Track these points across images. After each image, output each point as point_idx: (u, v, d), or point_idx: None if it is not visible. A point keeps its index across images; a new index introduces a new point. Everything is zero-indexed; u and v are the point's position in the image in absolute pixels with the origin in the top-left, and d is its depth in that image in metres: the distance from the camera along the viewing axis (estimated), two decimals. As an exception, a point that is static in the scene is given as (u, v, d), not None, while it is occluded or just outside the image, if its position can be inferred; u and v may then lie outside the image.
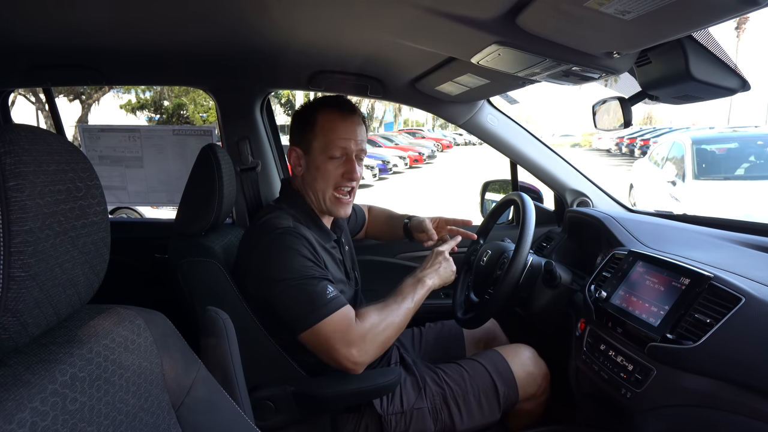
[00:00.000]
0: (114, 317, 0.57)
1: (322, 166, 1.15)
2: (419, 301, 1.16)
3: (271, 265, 1.05)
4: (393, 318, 1.10)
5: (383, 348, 1.09)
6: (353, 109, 1.18)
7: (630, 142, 19.31)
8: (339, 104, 1.17)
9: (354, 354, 1.03)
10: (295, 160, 1.20)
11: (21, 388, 0.43)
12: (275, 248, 1.05)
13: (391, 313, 1.10)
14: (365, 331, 1.05)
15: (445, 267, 1.24)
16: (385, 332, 1.08)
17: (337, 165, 1.15)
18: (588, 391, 1.13)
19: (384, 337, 1.08)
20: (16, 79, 1.68)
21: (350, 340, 1.03)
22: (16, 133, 0.43)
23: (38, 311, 0.45)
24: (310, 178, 1.18)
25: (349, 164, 1.16)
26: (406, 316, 1.12)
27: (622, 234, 1.28)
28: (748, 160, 5.11)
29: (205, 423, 0.63)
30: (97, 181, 0.52)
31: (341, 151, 1.15)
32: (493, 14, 0.78)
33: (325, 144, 1.14)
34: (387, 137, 21.93)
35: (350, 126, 1.15)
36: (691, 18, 0.66)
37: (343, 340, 1.03)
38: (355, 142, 1.16)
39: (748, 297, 0.81)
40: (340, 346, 1.02)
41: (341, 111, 1.16)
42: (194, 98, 16.89)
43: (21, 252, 0.41)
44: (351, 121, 1.16)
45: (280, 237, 1.06)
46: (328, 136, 1.14)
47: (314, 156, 1.16)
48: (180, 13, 1.04)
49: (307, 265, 1.05)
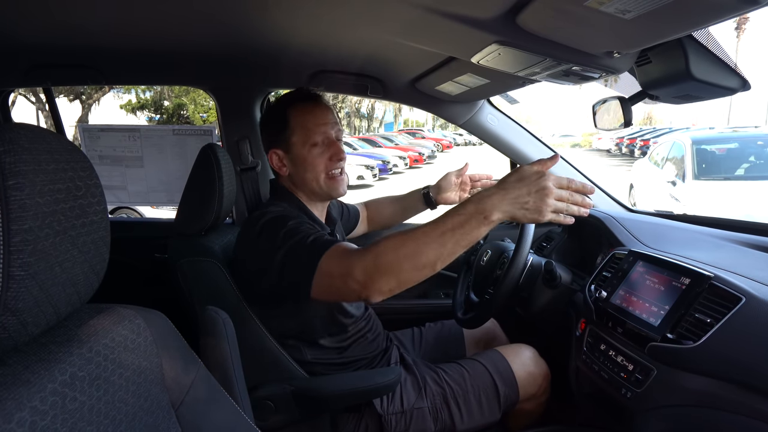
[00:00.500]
0: (114, 316, 0.57)
1: (308, 156, 1.17)
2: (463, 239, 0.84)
3: (271, 237, 1.00)
4: (419, 245, 0.84)
5: (399, 282, 0.86)
6: (317, 96, 1.21)
7: (630, 143, 19.31)
8: (303, 96, 1.19)
9: (359, 282, 0.86)
10: (278, 162, 1.20)
11: (20, 387, 0.43)
12: (273, 225, 1.03)
13: (418, 238, 0.85)
14: (372, 256, 0.86)
15: (539, 198, 0.84)
16: (403, 262, 0.84)
17: (322, 151, 1.17)
18: (588, 390, 1.13)
19: (402, 267, 0.84)
20: (17, 79, 1.68)
21: (352, 266, 0.87)
22: (16, 131, 0.43)
23: (38, 310, 0.45)
24: (299, 173, 1.19)
25: (333, 146, 1.19)
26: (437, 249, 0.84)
27: (623, 234, 1.28)
28: (748, 161, 5.10)
29: (204, 422, 0.63)
30: (97, 180, 0.52)
31: (322, 137, 1.17)
32: (493, 14, 0.78)
33: (304, 136, 1.16)
34: (387, 137, 21.96)
35: (321, 112, 1.18)
36: (692, 17, 0.66)
37: (346, 267, 0.88)
38: (330, 125, 1.18)
39: (748, 297, 0.81)
40: (344, 275, 0.88)
41: (308, 101, 1.18)
42: (194, 98, 16.91)
43: (21, 251, 0.41)
44: (320, 107, 1.19)
45: (277, 216, 1.05)
46: (305, 126, 1.16)
47: (297, 151, 1.17)
48: (181, 12, 1.04)
49: (304, 227, 1.00)
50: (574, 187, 0.87)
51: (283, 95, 1.23)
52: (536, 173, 0.85)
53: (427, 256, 0.84)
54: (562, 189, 0.85)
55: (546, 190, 0.83)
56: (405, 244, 0.85)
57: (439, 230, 0.84)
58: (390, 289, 0.86)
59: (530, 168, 0.87)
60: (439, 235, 0.84)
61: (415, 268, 0.85)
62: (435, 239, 0.84)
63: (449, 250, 0.84)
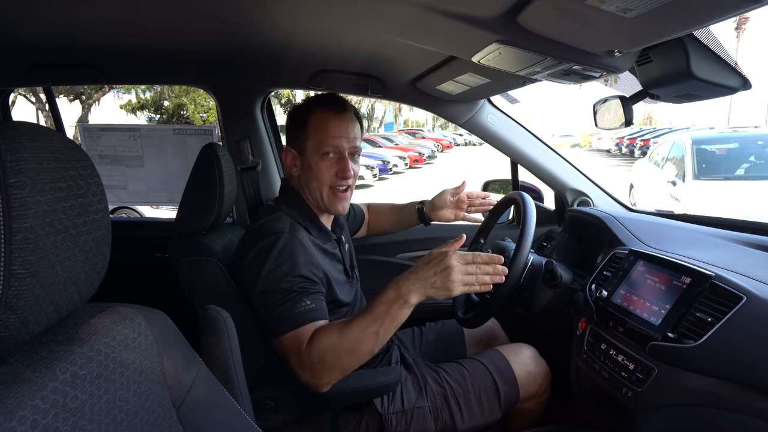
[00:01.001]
0: (115, 315, 0.57)
1: (315, 165, 1.14)
2: (391, 325, 0.96)
3: (259, 271, 1.04)
4: (353, 342, 0.95)
5: (343, 372, 0.98)
6: (345, 106, 1.17)
7: (630, 143, 19.31)
8: (331, 102, 1.16)
9: (307, 377, 0.98)
10: (291, 161, 1.19)
11: (22, 385, 0.43)
12: (264, 254, 1.04)
13: (352, 336, 0.95)
14: (316, 357, 0.96)
15: (444, 277, 0.94)
16: (342, 358, 0.96)
17: (330, 164, 1.15)
18: (589, 390, 1.13)
19: (342, 363, 0.97)
20: (17, 78, 1.68)
21: (302, 363, 0.97)
22: (17, 130, 0.43)
23: (39, 309, 0.45)
24: (306, 178, 1.18)
25: (341, 162, 1.15)
26: (371, 341, 0.95)
27: (623, 233, 1.28)
28: (748, 161, 5.10)
29: (205, 422, 0.63)
30: (98, 179, 0.52)
31: (333, 149, 1.14)
32: (493, 13, 0.78)
33: (317, 143, 1.14)
34: (387, 137, 21.95)
35: (342, 123, 1.14)
36: (693, 16, 0.66)
37: (296, 361, 0.98)
38: (347, 140, 1.15)
39: (749, 296, 0.81)
40: (295, 366, 0.99)
41: (333, 109, 1.15)
42: (194, 98, 16.91)
43: (22, 249, 0.41)
44: (343, 118, 1.15)
45: (273, 243, 1.05)
46: (320, 134, 1.13)
47: (308, 156, 1.15)
48: (181, 12, 1.04)
49: (287, 278, 1.02)
50: (479, 260, 0.95)
51: (313, 97, 1.20)
52: (441, 254, 0.95)
53: (363, 348, 0.96)
54: (468, 264, 0.94)
55: (449, 268, 0.93)
56: (342, 342, 0.95)
57: (369, 322, 0.95)
58: (336, 379, 0.99)
59: (437, 250, 0.97)
60: (370, 327, 0.95)
61: (355, 361, 0.98)
62: (368, 333, 0.95)
63: (381, 337, 0.96)
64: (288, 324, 0.99)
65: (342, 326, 0.97)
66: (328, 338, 0.96)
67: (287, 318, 1.00)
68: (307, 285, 1.04)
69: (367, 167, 12.90)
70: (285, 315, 1.00)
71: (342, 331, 0.96)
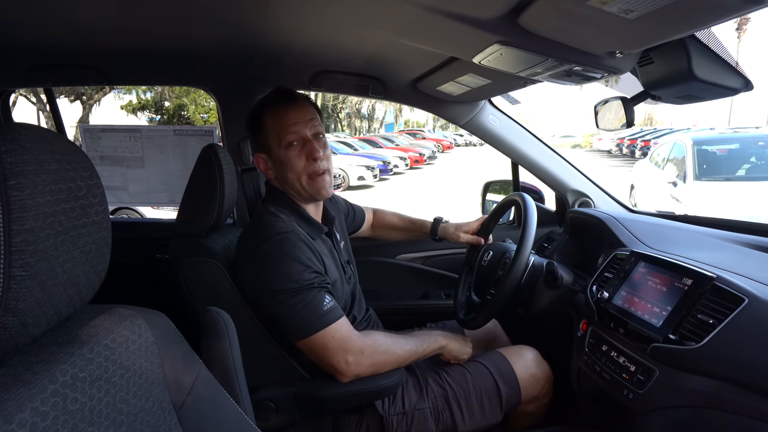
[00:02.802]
0: (115, 317, 0.57)
1: (285, 157, 1.15)
2: (425, 352, 1.20)
3: (270, 274, 1.05)
4: (396, 348, 1.14)
5: (376, 369, 1.11)
6: (292, 94, 1.18)
7: (631, 143, 19.29)
8: (277, 97, 1.17)
9: (349, 360, 1.07)
10: (264, 165, 1.20)
11: (21, 388, 0.43)
12: (273, 256, 1.05)
13: (397, 343, 1.15)
14: (365, 345, 1.09)
15: (463, 347, 1.29)
16: (383, 355, 1.12)
17: (298, 151, 1.15)
18: (590, 391, 1.13)
19: (381, 359, 1.12)
20: (18, 79, 1.68)
21: (347, 348, 1.07)
22: (17, 131, 0.43)
23: (39, 311, 0.44)
24: (282, 175, 1.18)
25: (308, 145, 1.15)
26: (409, 353, 1.16)
27: (624, 234, 1.28)
28: (749, 161, 5.10)
29: (206, 423, 0.62)
30: (98, 181, 0.52)
31: (295, 136, 1.14)
32: (495, 14, 0.78)
33: (278, 137, 1.14)
34: (388, 138, 22.00)
35: (294, 111, 1.15)
36: (695, 17, 0.66)
37: (340, 347, 1.07)
38: (303, 124, 1.15)
39: (751, 297, 0.81)
40: (336, 352, 1.07)
41: (280, 101, 1.16)
42: (195, 99, 16.93)
43: (22, 251, 0.41)
44: (293, 106, 1.16)
45: (278, 243, 1.06)
46: (278, 128, 1.14)
47: (275, 153, 1.16)
48: (182, 13, 1.04)
49: (304, 274, 1.05)
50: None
51: (261, 99, 1.21)
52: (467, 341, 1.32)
53: (399, 362, 1.15)
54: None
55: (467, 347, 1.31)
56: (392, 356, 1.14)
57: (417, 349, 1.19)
58: (367, 374, 1.11)
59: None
60: (417, 354, 1.19)
61: (386, 366, 1.14)
62: (411, 353, 1.17)
63: (411, 360, 1.19)
64: (327, 318, 1.06)
65: (388, 334, 1.19)
66: (380, 337, 1.15)
67: (325, 313, 1.06)
68: (321, 279, 1.08)
69: (368, 168, 12.89)
70: (318, 311, 1.05)
71: (389, 336, 1.17)
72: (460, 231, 1.53)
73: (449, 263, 1.85)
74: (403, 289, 1.85)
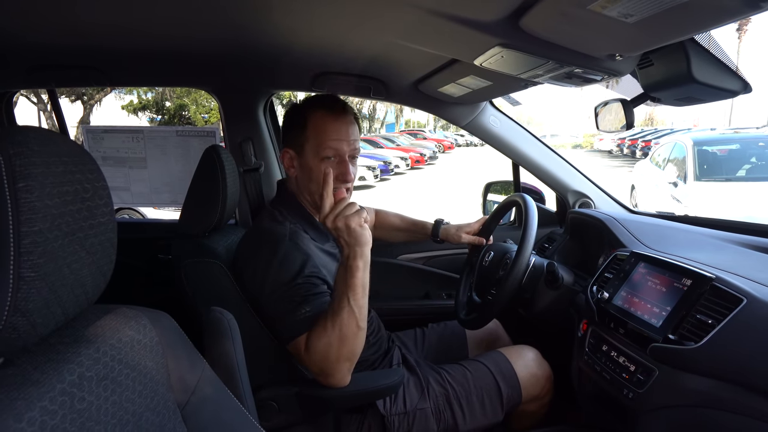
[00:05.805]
0: (120, 317, 0.57)
1: (316, 168, 1.13)
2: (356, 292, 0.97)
3: (263, 279, 1.05)
4: (338, 328, 0.96)
5: (349, 359, 1.00)
6: (344, 108, 1.15)
7: (631, 144, 19.28)
8: (330, 104, 1.14)
9: (322, 379, 1.01)
10: (288, 161, 1.18)
11: (30, 387, 0.44)
12: (271, 259, 1.05)
13: (336, 324, 0.97)
14: (318, 359, 0.98)
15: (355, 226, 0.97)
16: (340, 348, 0.97)
17: (330, 167, 1.13)
18: (590, 391, 1.14)
19: (341, 352, 0.98)
20: (20, 80, 1.69)
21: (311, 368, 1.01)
22: (25, 134, 0.44)
23: (47, 311, 0.45)
24: (304, 180, 1.17)
25: (342, 166, 1.13)
26: (352, 318, 0.97)
27: (624, 235, 1.28)
28: (750, 162, 5.10)
29: (210, 422, 0.63)
30: (104, 182, 0.52)
31: (333, 152, 1.12)
32: (496, 16, 0.78)
33: (317, 146, 1.12)
34: (388, 138, 21.96)
35: (342, 126, 1.13)
36: (695, 21, 0.66)
37: (308, 366, 1.01)
38: (347, 143, 1.13)
39: (749, 298, 0.82)
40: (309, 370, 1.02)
41: (332, 111, 1.13)
42: (196, 99, 16.95)
43: (30, 252, 0.42)
44: (342, 120, 1.13)
45: (274, 250, 1.06)
46: (320, 137, 1.11)
47: (306, 158, 1.14)
48: (185, 14, 1.04)
49: (289, 287, 1.03)
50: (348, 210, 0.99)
51: (310, 97, 1.19)
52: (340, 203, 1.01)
53: (350, 330, 0.96)
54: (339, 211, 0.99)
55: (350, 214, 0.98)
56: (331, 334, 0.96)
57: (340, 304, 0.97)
58: (348, 369, 1.00)
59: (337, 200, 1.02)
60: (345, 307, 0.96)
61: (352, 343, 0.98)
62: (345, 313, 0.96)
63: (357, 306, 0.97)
64: (292, 332, 1.01)
65: (324, 321, 0.98)
66: (318, 338, 0.98)
67: (290, 325, 1.01)
68: (308, 289, 1.04)
69: (369, 168, 12.91)
70: (288, 322, 1.01)
71: (326, 325, 0.97)
72: (462, 231, 1.53)
73: (450, 264, 1.86)
74: (404, 289, 1.85)
